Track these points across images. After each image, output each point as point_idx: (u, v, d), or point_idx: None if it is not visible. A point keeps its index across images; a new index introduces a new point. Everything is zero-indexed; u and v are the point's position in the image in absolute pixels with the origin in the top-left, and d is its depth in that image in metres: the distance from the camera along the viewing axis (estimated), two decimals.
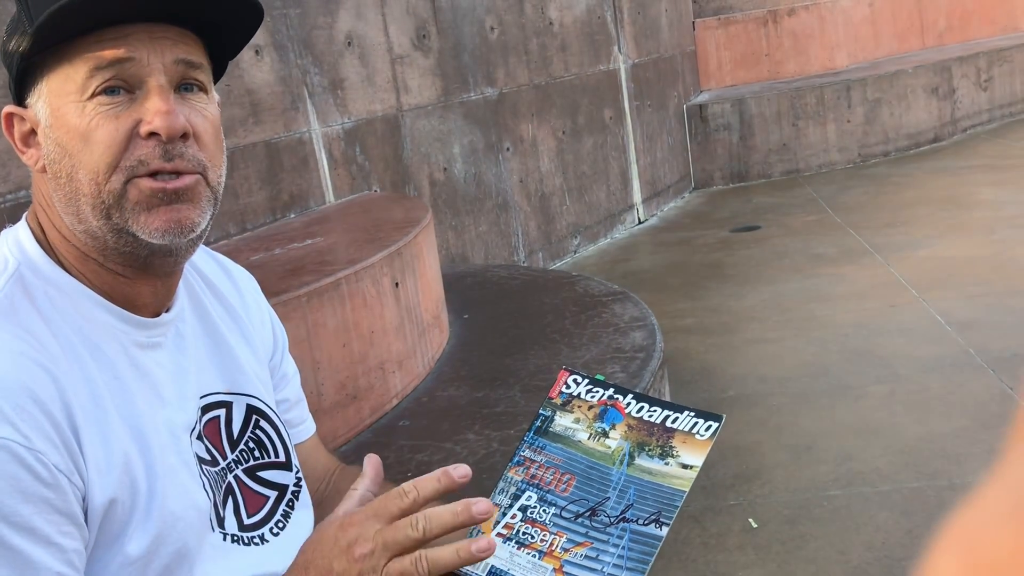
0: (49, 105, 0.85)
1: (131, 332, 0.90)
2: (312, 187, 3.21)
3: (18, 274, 0.85)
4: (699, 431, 1.02)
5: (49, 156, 0.86)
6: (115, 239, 0.86)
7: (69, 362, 0.83)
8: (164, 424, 0.90)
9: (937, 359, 3.11)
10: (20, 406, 0.77)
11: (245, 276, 1.13)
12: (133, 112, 0.84)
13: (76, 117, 0.83)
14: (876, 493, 2.36)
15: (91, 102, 0.83)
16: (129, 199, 0.84)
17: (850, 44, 7.65)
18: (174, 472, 0.88)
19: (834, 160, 6.72)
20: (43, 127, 0.85)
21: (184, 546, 0.88)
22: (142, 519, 0.85)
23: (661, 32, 6.22)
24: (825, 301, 3.86)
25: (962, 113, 7.31)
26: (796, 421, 2.82)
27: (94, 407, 0.83)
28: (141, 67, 0.83)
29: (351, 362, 2.10)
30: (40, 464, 0.77)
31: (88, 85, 0.83)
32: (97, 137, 0.83)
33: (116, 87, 0.83)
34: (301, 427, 1.17)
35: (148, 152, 0.84)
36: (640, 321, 2.60)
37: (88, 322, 0.87)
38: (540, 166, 4.85)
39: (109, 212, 0.84)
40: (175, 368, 0.94)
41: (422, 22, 3.95)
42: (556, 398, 1.09)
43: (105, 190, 0.84)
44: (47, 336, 0.83)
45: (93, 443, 0.82)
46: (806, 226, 5.19)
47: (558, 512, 1.01)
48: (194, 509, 0.90)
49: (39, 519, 0.76)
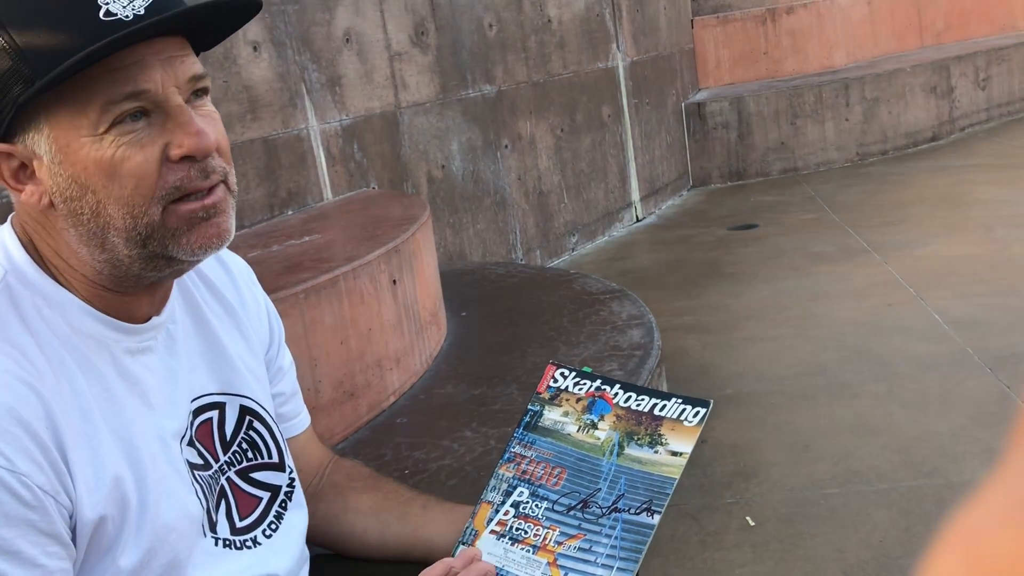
0: (54, 142, 0.80)
1: (121, 339, 0.88)
2: (310, 184, 3.21)
3: (4, 283, 0.83)
4: (687, 418, 1.02)
5: (62, 193, 0.82)
6: (144, 265, 0.84)
7: (56, 376, 0.81)
8: (154, 432, 0.89)
9: (935, 358, 3.11)
10: (3, 428, 0.76)
11: (241, 265, 1.12)
12: (157, 137, 0.81)
13: (95, 151, 0.80)
14: (874, 492, 2.36)
15: (109, 134, 0.79)
16: (168, 226, 0.83)
17: (848, 43, 7.65)
18: (166, 481, 0.88)
19: (832, 159, 6.72)
20: (46, 163, 0.81)
21: (176, 556, 0.87)
22: (134, 533, 0.84)
23: (659, 30, 6.22)
24: (823, 300, 3.86)
25: (960, 112, 7.32)
26: (794, 419, 2.82)
27: (82, 422, 0.82)
28: (157, 94, 0.81)
29: (349, 359, 2.09)
30: (23, 487, 0.76)
31: (103, 119, 0.79)
32: (127, 170, 0.80)
33: (137, 114, 0.80)
34: (296, 420, 1.16)
35: (183, 175, 0.82)
36: (638, 319, 2.60)
37: (76, 332, 0.85)
38: (538, 164, 4.85)
39: (146, 241, 0.83)
40: (165, 372, 0.93)
41: (420, 19, 3.95)
42: (544, 392, 1.09)
43: (142, 223, 0.82)
44: (34, 350, 0.81)
45: (81, 460, 0.81)
46: (804, 224, 5.19)
47: (550, 506, 1.01)
48: (186, 518, 0.89)
49: (22, 541, 0.76)
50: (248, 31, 2.96)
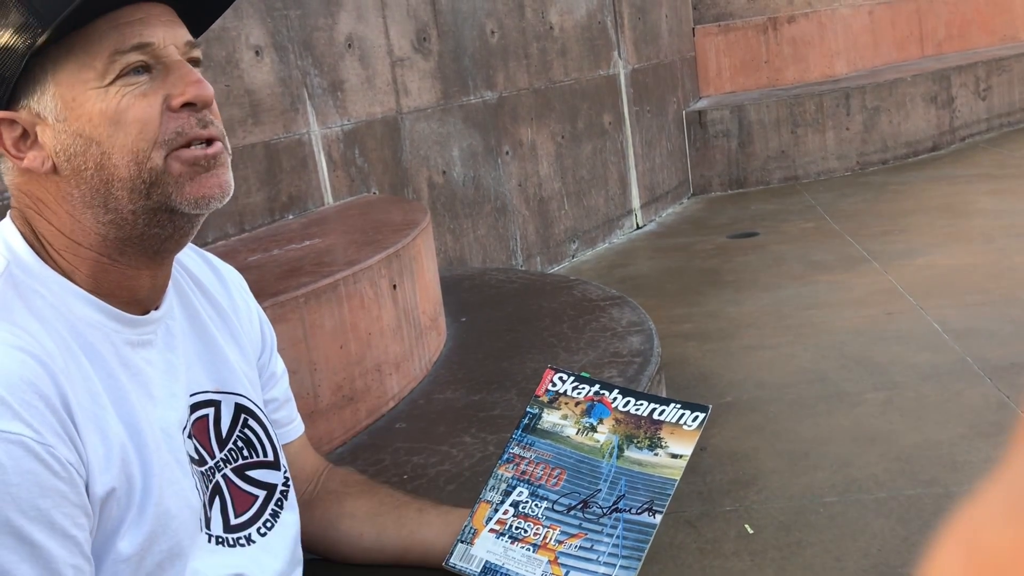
0: (59, 98, 0.84)
1: (122, 330, 0.89)
2: (311, 188, 3.21)
3: (8, 272, 0.85)
4: (686, 422, 1.03)
5: (66, 151, 0.84)
6: (148, 220, 0.86)
7: (65, 359, 0.82)
8: (157, 422, 0.89)
9: (934, 367, 3.11)
10: (27, 401, 0.77)
11: (234, 275, 1.13)
12: (159, 88, 0.85)
13: (100, 102, 0.83)
14: (873, 500, 2.35)
15: (114, 85, 0.83)
16: (171, 173, 0.85)
17: (849, 52, 7.66)
18: (169, 469, 0.88)
19: (832, 167, 6.72)
20: (51, 123, 0.84)
21: (177, 544, 0.87)
22: (136, 517, 0.84)
23: (661, 38, 6.23)
24: (823, 308, 3.86)
25: (961, 122, 7.33)
26: (793, 427, 2.82)
27: (91, 403, 0.83)
28: (160, 49, 0.85)
29: (348, 363, 2.09)
30: (52, 458, 0.77)
31: (110, 69, 0.83)
32: (131, 116, 0.83)
33: (140, 68, 0.84)
34: (290, 427, 1.16)
35: (184, 122, 0.85)
36: (638, 326, 2.60)
37: (79, 320, 0.86)
38: (539, 170, 4.85)
39: (150, 191, 0.85)
40: (166, 366, 0.93)
41: (423, 25, 3.96)
42: (543, 396, 1.09)
43: (146, 168, 0.84)
44: (42, 334, 0.82)
45: (92, 438, 0.82)
46: (804, 233, 5.19)
47: (550, 506, 1.01)
48: (187, 508, 0.90)
49: (57, 512, 0.77)
50: (250, 35, 2.97)
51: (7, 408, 0.75)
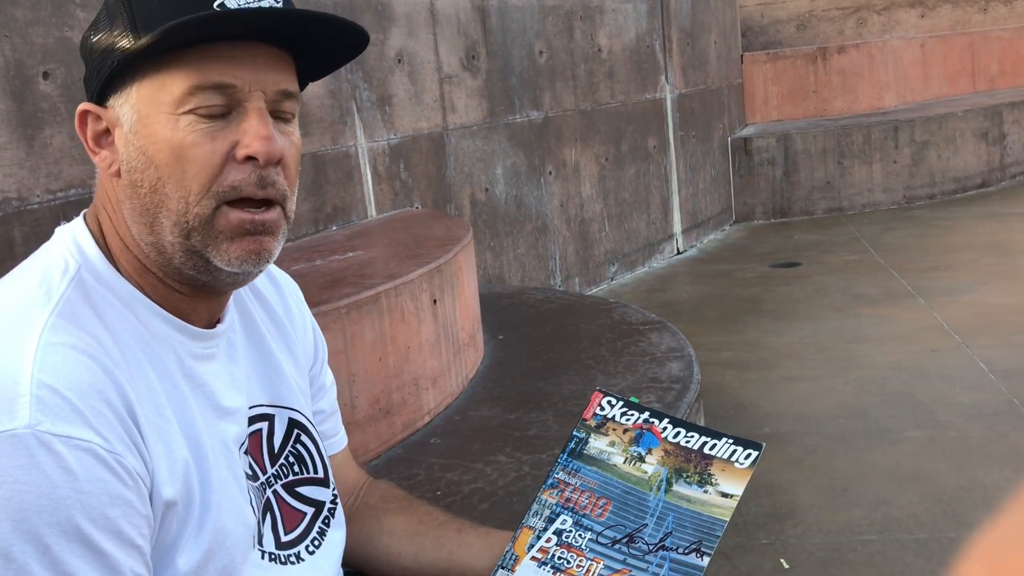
0: (136, 111, 0.82)
1: (187, 343, 0.88)
2: (355, 200, 3.23)
3: (79, 277, 0.84)
4: (738, 459, 1.00)
5: (129, 163, 0.83)
6: (184, 259, 0.84)
7: (131, 368, 0.82)
8: (217, 436, 0.88)
9: (979, 407, 3.04)
10: (97, 409, 0.76)
11: (290, 283, 1.12)
12: (230, 134, 0.82)
13: (168, 129, 0.81)
14: (913, 541, 2.30)
15: (185, 117, 0.81)
16: (215, 226, 0.82)
17: (899, 84, 7.58)
18: (227, 485, 0.87)
19: (878, 200, 6.64)
20: (125, 131, 0.83)
21: (231, 562, 0.86)
22: (195, 533, 0.83)
23: (709, 64, 6.21)
24: (865, 342, 3.80)
25: (1012, 159, 7.21)
26: (832, 462, 2.77)
27: (156, 414, 0.82)
28: (242, 92, 0.82)
29: (386, 376, 2.09)
30: (121, 467, 0.76)
31: (186, 101, 0.81)
32: (193, 156, 0.81)
33: (217, 109, 0.81)
34: (334, 439, 1.16)
35: (243, 178, 0.82)
36: (677, 352, 2.57)
37: (146, 330, 0.85)
38: (581, 191, 4.84)
39: (190, 233, 0.82)
40: (229, 379, 0.93)
41: (472, 43, 3.98)
42: (590, 420, 1.07)
43: (192, 212, 0.82)
44: (109, 341, 0.81)
45: (157, 448, 0.81)
46: (847, 265, 5.12)
47: (594, 537, 0.98)
48: (243, 524, 0.89)
49: (124, 522, 0.76)
50: None
51: (78, 415, 0.74)
